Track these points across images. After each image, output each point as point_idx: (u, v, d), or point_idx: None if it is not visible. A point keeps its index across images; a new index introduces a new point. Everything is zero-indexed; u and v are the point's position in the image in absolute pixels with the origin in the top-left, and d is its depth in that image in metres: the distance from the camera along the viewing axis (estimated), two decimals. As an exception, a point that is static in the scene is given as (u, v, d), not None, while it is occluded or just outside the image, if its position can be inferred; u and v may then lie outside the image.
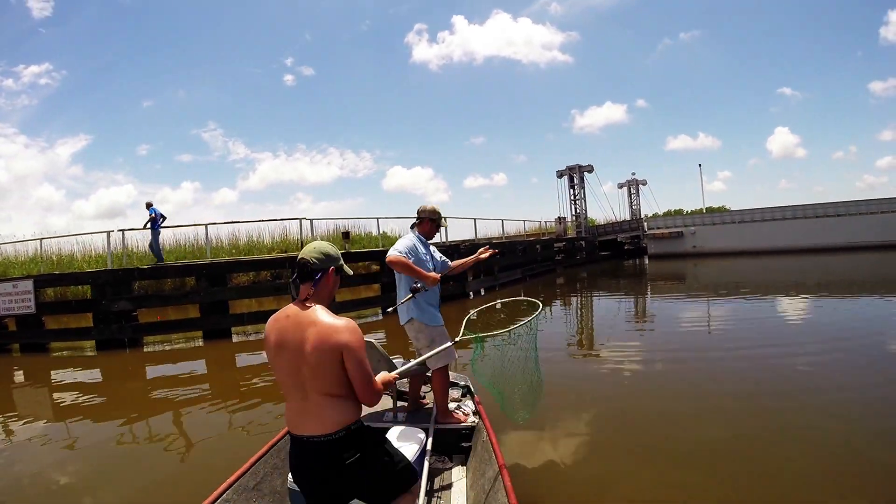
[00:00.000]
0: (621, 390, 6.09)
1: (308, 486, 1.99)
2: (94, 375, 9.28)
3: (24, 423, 6.39)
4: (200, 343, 10.87)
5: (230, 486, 2.79)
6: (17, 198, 62.28)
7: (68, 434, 5.86)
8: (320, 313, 1.88)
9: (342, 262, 2.10)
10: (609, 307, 14.29)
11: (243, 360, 9.51)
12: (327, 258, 2.01)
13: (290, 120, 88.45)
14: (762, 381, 6.06)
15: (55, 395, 8.01)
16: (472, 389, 4.33)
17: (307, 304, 1.93)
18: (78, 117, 73.55)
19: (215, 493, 2.68)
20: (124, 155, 74.66)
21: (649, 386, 6.21)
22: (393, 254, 3.52)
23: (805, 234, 28.09)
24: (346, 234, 14.89)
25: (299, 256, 1.99)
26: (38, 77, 65.37)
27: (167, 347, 11.00)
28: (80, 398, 7.52)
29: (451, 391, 4.18)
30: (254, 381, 7.77)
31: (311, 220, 13.17)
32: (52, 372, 9.74)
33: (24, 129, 66.71)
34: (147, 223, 12.10)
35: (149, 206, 12.23)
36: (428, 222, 3.93)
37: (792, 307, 11.53)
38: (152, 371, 9.18)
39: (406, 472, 2.15)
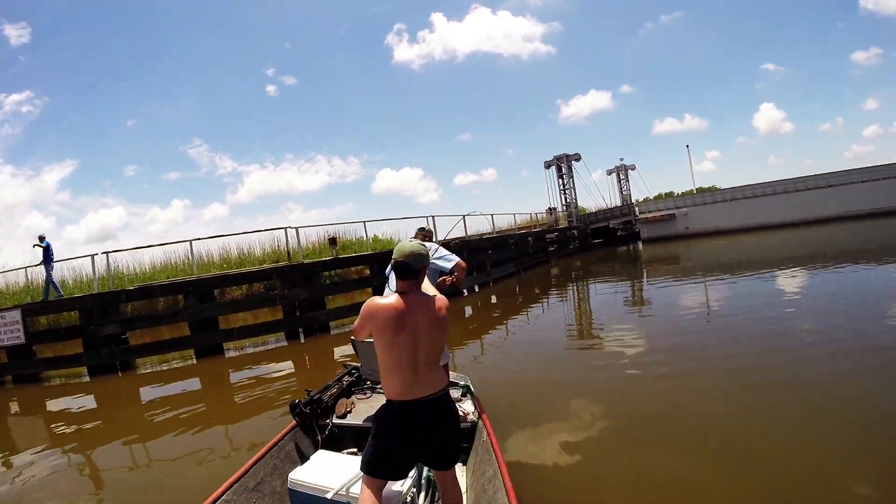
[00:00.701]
0: (622, 386, 5.95)
1: (418, 438, 2.33)
2: (86, 402, 9.13)
3: (20, 455, 6.32)
4: (193, 361, 10.76)
5: (230, 486, 2.82)
6: (6, 228, 61.97)
7: (67, 462, 5.83)
8: (431, 297, 2.43)
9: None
10: (605, 295, 14.29)
11: (236, 375, 9.44)
12: (420, 257, 2.42)
13: (276, 130, 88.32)
14: (769, 369, 5.90)
15: (51, 425, 7.93)
16: (472, 389, 4.39)
17: (415, 294, 2.41)
18: (63, 143, 73.24)
19: (215, 494, 2.72)
20: (111, 178, 74.43)
21: (651, 380, 6.05)
22: None
23: (796, 208, 28.19)
24: (332, 241, 14.79)
25: (397, 259, 2.40)
26: (20, 105, 64.99)
27: (161, 368, 10.84)
28: (75, 426, 7.45)
29: (450, 391, 4.22)
30: (249, 395, 7.71)
31: (297, 229, 13.05)
32: (47, 401, 9.61)
33: (9, 159, 66.40)
34: (42, 258, 12.08)
35: (42, 239, 12.18)
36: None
37: (791, 281, 11.54)
38: (146, 393, 9.03)
39: (460, 444, 2.68)
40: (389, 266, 3.86)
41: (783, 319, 8.11)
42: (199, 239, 12.69)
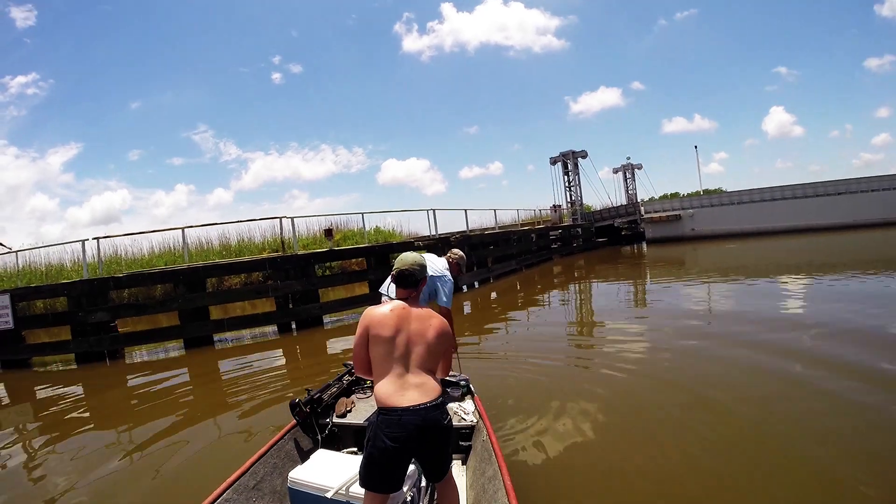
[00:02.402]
0: (624, 387, 5.82)
1: (407, 449, 2.28)
2: (73, 390, 8.94)
3: (10, 440, 6.25)
4: (182, 351, 10.61)
5: (230, 485, 2.83)
6: (10, 209, 62.34)
7: (54, 448, 5.75)
8: (431, 311, 2.48)
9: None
10: (609, 295, 14.02)
11: (225, 367, 9.23)
12: (423, 269, 2.56)
13: (281, 118, 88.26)
14: (775, 371, 5.80)
15: (38, 412, 7.78)
16: (472, 389, 4.36)
17: (413, 303, 2.50)
18: (68, 126, 73.54)
19: (215, 493, 2.73)
20: (116, 161, 74.75)
21: (654, 381, 5.92)
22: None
23: (804, 214, 27.69)
24: (328, 232, 14.60)
25: (401, 268, 2.51)
26: (26, 87, 65.26)
27: (150, 358, 10.71)
28: (64, 413, 7.33)
29: (451, 391, 4.37)
30: (236, 387, 7.57)
31: (293, 219, 12.81)
32: (35, 388, 9.44)
33: (14, 140, 66.73)
34: None
35: None
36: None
37: (796, 288, 11.25)
38: (133, 382, 8.93)
39: (451, 454, 2.59)
40: (388, 279, 4.10)
41: (794, 325, 7.83)
42: (190, 227, 12.46)
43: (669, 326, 8.56)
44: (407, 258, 2.53)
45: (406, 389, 2.28)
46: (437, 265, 4.43)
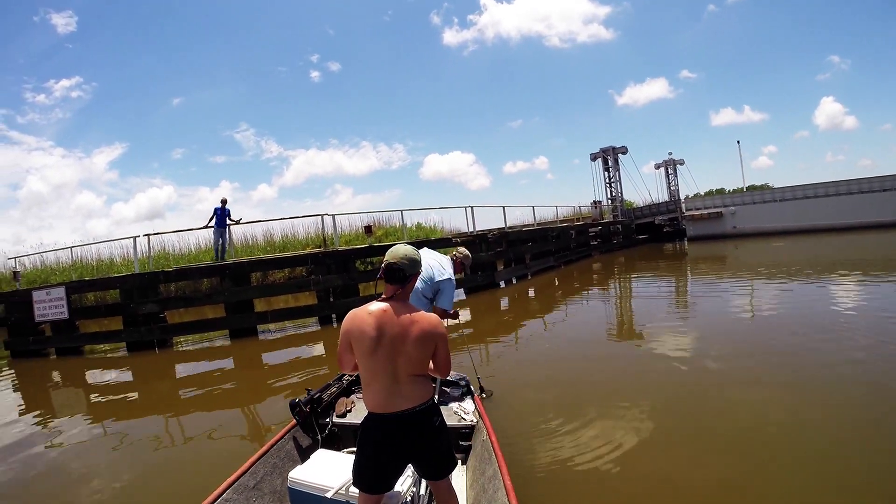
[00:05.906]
0: (627, 386, 5.66)
1: (397, 452, 2.25)
2: (123, 376, 9.46)
3: (60, 423, 6.68)
4: (228, 342, 10.90)
5: (230, 485, 2.83)
6: (57, 206, 65.12)
7: (93, 432, 6.10)
8: (417, 312, 2.27)
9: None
10: (649, 294, 13.60)
11: (267, 357, 9.48)
12: (414, 264, 2.35)
13: (320, 116, 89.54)
14: (804, 371, 5.56)
15: (89, 395, 8.26)
16: (472, 389, 4.38)
17: (399, 302, 2.29)
18: (112, 126, 76.28)
19: (215, 493, 2.73)
20: (159, 160, 77.25)
21: (662, 380, 5.76)
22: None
23: (851, 211, 26.20)
24: (367, 229, 14.73)
25: (389, 261, 2.31)
26: (70, 90, 68.01)
27: (197, 347, 11.04)
28: (110, 399, 7.78)
29: (450, 390, 4.36)
30: (277, 377, 7.74)
31: (334, 216, 12.99)
32: (87, 374, 10.01)
33: (60, 142, 69.68)
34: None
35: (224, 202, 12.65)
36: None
37: (842, 289, 10.69)
38: (181, 370, 9.35)
39: (453, 455, 2.43)
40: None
41: (833, 325, 7.39)
42: (236, 223, 12.77)
43: (709, 331, 8.01)
44: (397, 251, 2.35)
45: (392, 396, 2.22)
46: (444, 266, 4.21)
